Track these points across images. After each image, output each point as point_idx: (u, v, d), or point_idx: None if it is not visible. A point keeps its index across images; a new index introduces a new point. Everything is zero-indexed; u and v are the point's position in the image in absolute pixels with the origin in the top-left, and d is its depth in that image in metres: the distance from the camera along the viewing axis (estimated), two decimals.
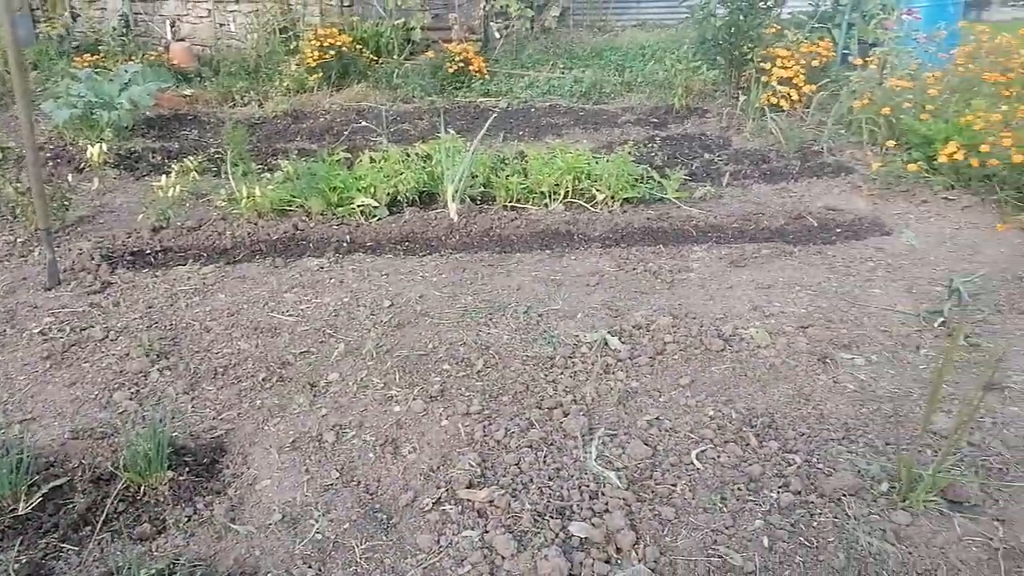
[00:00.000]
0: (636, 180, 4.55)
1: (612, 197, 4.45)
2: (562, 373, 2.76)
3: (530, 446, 2.34)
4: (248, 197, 4.23)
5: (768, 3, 5.89)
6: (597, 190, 4.45)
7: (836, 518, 2.01)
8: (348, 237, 4.02)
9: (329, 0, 8.24)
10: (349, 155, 4.94)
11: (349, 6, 8.34)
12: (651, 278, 3.57)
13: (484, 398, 2.60)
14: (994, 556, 1.90)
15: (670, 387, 2.68)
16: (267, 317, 3.18)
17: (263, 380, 2.72)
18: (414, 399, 2.59)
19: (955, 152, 4.20)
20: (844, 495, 2.08)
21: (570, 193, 4.47)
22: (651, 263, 3.73)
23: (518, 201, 4.44)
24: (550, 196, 4.46)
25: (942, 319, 3.00)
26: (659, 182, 4.61)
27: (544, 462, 2.27)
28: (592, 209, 4.39)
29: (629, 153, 4.86)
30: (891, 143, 4.65)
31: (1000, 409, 2.49)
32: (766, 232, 4.08)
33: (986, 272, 3.45)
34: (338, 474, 2.23)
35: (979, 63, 4.87)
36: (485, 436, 2.39)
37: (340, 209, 4.28)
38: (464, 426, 2.44)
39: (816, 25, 6.76)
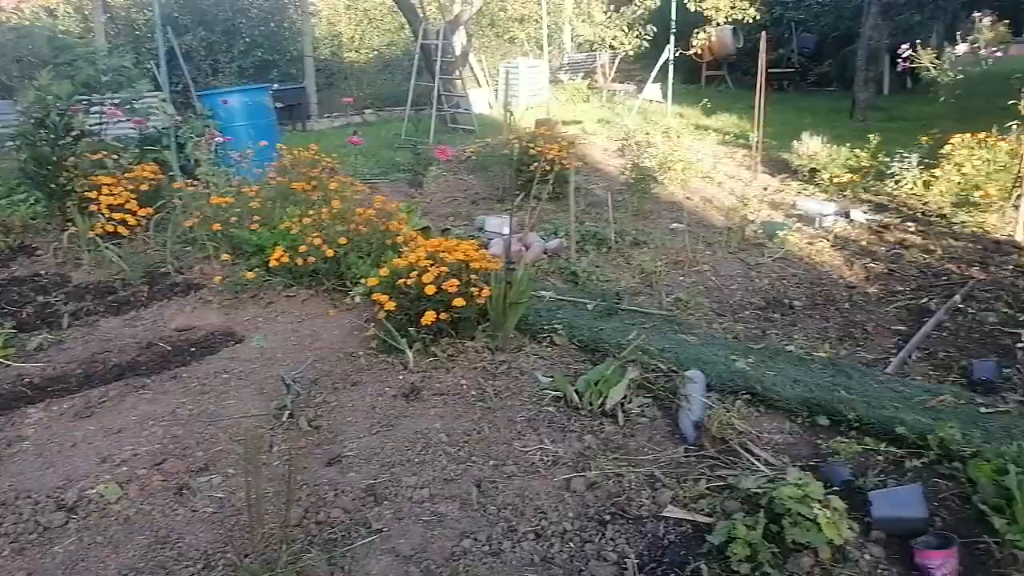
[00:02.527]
0: None
1: None
2: None
3: None
4: None
5: (73, 135, 5.63)
6: None
7: None
8: None
9: None
10: None
11: None
12: None
13: None
14: None
15: None
16: None
17: None
18: None
19: (282, 256, 4.70)
20: None
21: None
22: None
23: None
24: None
25: (288, 412, 3.27)
26: None
27: None
28: None
29: None
30: (227, 256, 4.95)
31: (340, 479, 2.82)
32: (116, 370, 3.82)
33: (324, 355, 3.92)
34: None
35: (289, 175, 5.60)
36: None
37: None
38: None
39: (145, 148, 6.79)
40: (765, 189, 7.95)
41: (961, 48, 7.11)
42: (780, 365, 3.76)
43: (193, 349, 4.06)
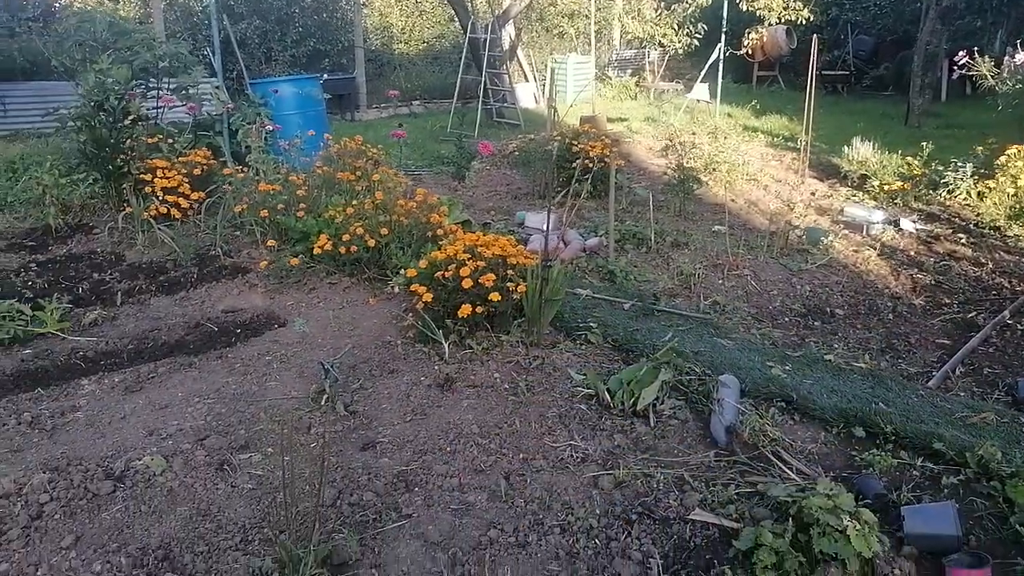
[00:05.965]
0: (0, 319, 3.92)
1: None
2: None
3: None
4: None
5: (131, 119, 5.84)
6: None
7: None
8: None
9: None
10: None
11: None
12: (27, 430, 3.09)
13: None
14: None
15: (51, 554, 2.34)
16: None
17: None
18: None
19: (326, 244, 4.81)
20: None
21: None
22: (27, 412, 3.23)
23: None
24: None
25: (326, 396, 3.36)
26: (33, 316, 4.06)
27: None
28: None
29: None
30: (272, 242, 5.07)
31: (374, 464, 2.89)
32: (166, 347, 3.97)
33: (363, 342, 4.01)
34: None
35: (335, 165, 5.71)
36: None
37: None
38: None
39: (199, 133, 6.99)
40: (813, 194, 7.82)
41: (1021, 57, 6.87)
42: (818, 374, 3.71)
43: (238, 331, 4.19)
